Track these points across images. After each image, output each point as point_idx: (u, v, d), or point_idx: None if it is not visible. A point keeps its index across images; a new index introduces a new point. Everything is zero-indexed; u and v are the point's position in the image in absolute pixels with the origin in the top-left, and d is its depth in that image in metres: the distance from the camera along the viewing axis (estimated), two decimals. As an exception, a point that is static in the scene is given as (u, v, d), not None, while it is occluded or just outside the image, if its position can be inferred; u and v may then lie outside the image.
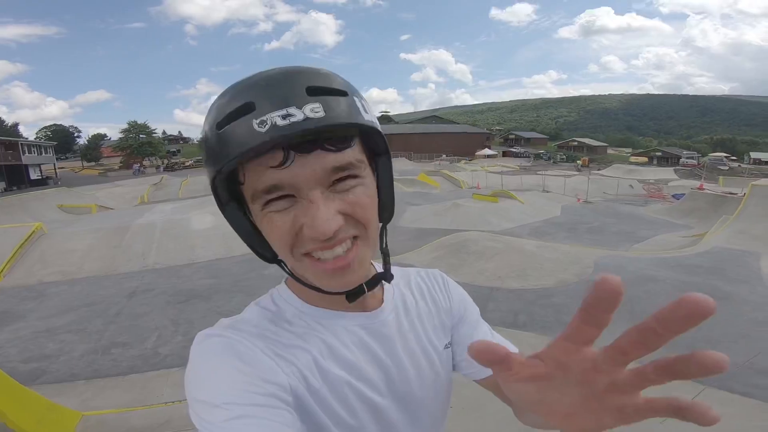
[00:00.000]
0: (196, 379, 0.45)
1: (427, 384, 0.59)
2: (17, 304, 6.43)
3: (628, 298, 4.53)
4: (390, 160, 0.53)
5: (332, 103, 0.43)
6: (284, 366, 0.48)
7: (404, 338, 0.59)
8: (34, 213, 14.12)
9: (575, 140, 77.85)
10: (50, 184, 32.36)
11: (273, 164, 0.43)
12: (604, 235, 11.84)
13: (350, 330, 0.55)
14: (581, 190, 20.89)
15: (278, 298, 0.57)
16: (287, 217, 0.45)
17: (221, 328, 0.51)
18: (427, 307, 0.65)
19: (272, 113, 0.41)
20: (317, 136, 0.43)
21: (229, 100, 0.44)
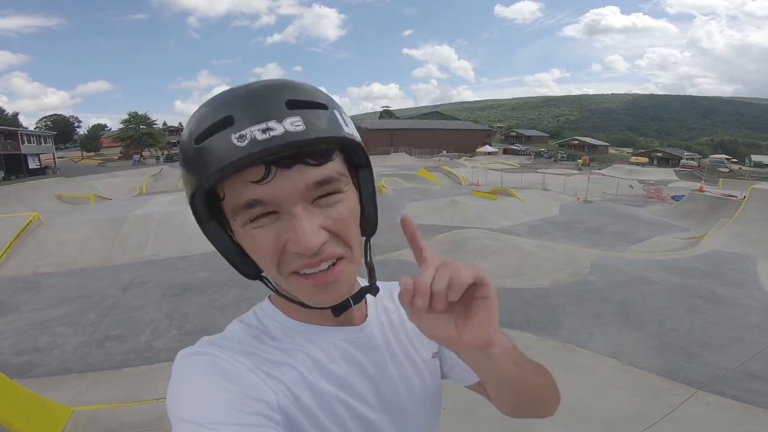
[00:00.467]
0: (180, 398, 0.43)
1: (417, 394, 0.59)
2: (12, 296, 6.40)
3: (622, 300, 4.58)
4: (372, 173, 0.53)
5: (312, 117, 0.43)
6: (271, 383, 0.47)
7: (391, 350, 0.59)
8: (31, 203, 14.07)
9: (576, 139, 77.68)
10: (49, 174, 32.25)
11: (253, 179, 0.42)
12: (601, 235, 11.82)
13: (337, 345, 0.55)
14: (581, 189, 20.86)
15: (262, 314, 0.56)
16: (270, 233, 0.44)
17: (204, 345, 0.50)
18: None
19: (251, 127, 0.40)
20: (298, 151, 0.42)
21: (208, 113, 0.43)
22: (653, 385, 3.44)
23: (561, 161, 53.69)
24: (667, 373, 3.58)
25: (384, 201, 16.04)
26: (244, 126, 0.41)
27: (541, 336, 4.33)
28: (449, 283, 0.39)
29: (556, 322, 4.67)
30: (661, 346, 4.04)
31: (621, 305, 5.06)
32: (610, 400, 3.18)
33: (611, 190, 23.02)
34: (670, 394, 3.30)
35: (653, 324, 4.57)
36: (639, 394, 3.32)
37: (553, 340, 4.23)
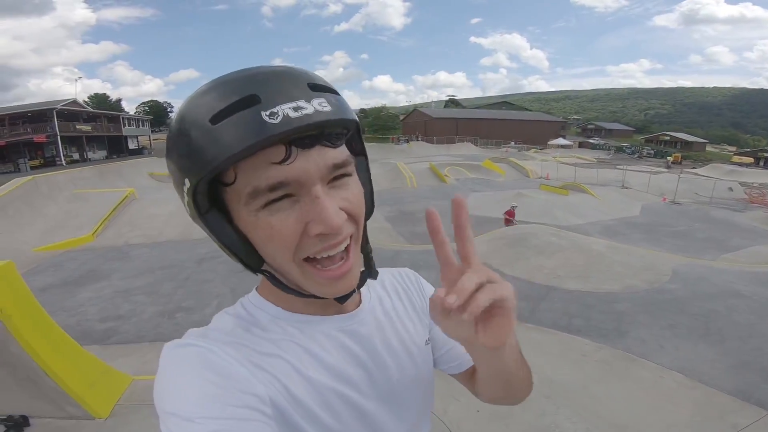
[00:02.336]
0: (167, 391, 0.43)
1: (410, 381, 0.59)
2: (104, 264, 7.18)
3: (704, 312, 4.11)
4: (367, 160, 0.54)
5: (333, 100, 0.44)
6: (261, 375, 0.46)
7: (384, 337, 0.59)
8: (128, 179, 15.83)
9: (667, 134, 70.29)
10: (145, 154, 36.09)
11: (275, 159, 0.41)
12: (688, 241, 10.64)
13: (328, 333, 0.54)
14: (669, 189, 18.88)
15: (250, 305, 0.55)
16: (290, 217, 0.44)
17: (192, 337, 0.49)
18: (403, 306, 0.65)
19: (283, 105, 0.40)
20: (322, 131, 0.43)
21: (225, 94, 0.41)
22: (719, 405, 3.06)
23: (647, 158, 49.08)
24: (738, 393, 3.17)
25: (445, 190, 15.79)
26: (274, 104, 0.40)
27: (601, 343, 3.98)
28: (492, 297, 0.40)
29: (620, 331, 4.27)
30: (739, 365, 3.56)
31: (701, 318, 4.49)
32: (667, 417, 2.85)
33: (706, 191, 20.53)
34: (736, 415, 2.91)
35: (735, 341, 4.02)
36: (701, 413, 2.96)
37: (615, 349, 3.87)
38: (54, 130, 31.41)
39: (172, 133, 0.44)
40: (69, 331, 4.12)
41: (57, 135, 31.53)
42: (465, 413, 2.75)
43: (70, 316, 4.97)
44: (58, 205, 10.33)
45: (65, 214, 9.83)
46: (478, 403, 0.74)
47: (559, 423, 2.69)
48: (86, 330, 4.56)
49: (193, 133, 0.42)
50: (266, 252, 0.47)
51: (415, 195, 14.55)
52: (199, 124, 0.41)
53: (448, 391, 2.95)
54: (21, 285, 2.60)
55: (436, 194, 14.84)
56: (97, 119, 37.49)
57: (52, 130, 31.38)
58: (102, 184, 13.38)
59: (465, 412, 2.75)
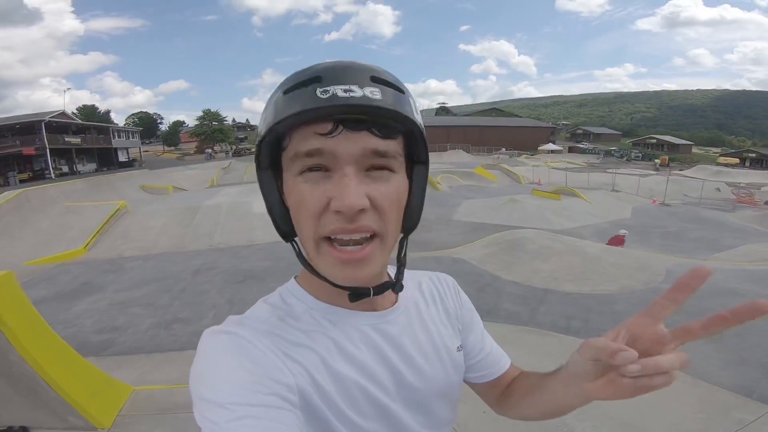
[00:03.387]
0: (202, 376, 0.45)
1: (438, 386, 0.59)
2: (98, 276, 7.08)
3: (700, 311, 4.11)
4: (427, 170, 0.54)
5: (390, 93, 0.46)
6: (291, 365, 0.48)
7: (416, 339, 0.59)
8: (120, 192, 15.66)
9: (654, 137, 71.60)
10: (135, 166, 35.75)
11: (321, 132, 0.45)
12: (680, 242, 10.79)
13: (360, 329, 0.55)
14: (658, 192, 19.16)
15: (287, 294, 0.57)
16: (317, 189, 0.46)
17: (230, 324, 0.51)
18: (437, 311, 0.65)
19: (335, 86, 0.44)
20: (369, 117, 0.45)
21: (299, 74, 0.47)
22: (723, 401, 3.08)
23: (635, 161, 49.82)
24: (740, 390, 3.20)
25: (439, 198, 15.85)
26: (329, 84, 0.44)
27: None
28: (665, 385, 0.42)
29: (621, 331, 4.32)
30: (738, 361, 3.60)
31: (698, 317, 4.47)
32: (672, 415, 2.87)
33: (694, 192, 20.90)
34: (740, 411, 2.93)
35: (733, 338, 4.08)
36: (705, 410, 2.98)
37: (616, 350, 3.92)
38: (43, 142, 30.99)
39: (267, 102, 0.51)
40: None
41: (46, 147, 31.11)
42: (471, 415, 2.75)
43: (66, 328, 4.88)
44: (50, 218, 10.18)
45: (57, 228, 9.69)
46: (484, 405, 0.73)
47: (567, 422, 2.70)
48: (82, 342, 4.48)
49: (271, 100, 0.49)
50: (295, 220, 0.50)
51: None
52: (276, 95, 0.48)
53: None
54: (20, 295, 2.57)
55: (429, 201, 14.50)
56: (86, 131, 37.11)
57: (40, 143, 30.96)
58: (94, 196, 13.22)
59: (471, 414, 2.75)
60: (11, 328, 2.33)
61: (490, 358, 0.69)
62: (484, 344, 0.70)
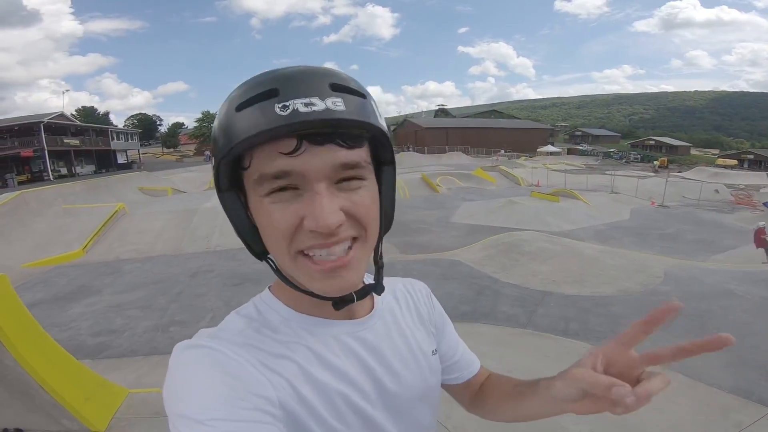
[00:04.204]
0: (178, 392, 0.43)
1: (417, 390, 0.59)
2: (95, 279, 7.06)
3: (700, 312, 4.15)
4: (395, 171, 0.54)
5: (352, 101, 0.44)
6: (272, 377, 0.46)
7: (393, 345, 0.59)
8: (118, 194, 15.62)
9: (652, 139, 71.56)
10: (134, 168, 35.78)
11: (284, 150, 0.43)
12: (678, 243, 10.80)
13: (339, 338, 0.54)
14: (657, 193, 19.19)
15: (262, 305, 0.55)
16: (288, 209, 0.45)
17: (203, 338, 0.49)
18: (412, 316, 0.66)
19: (295, 100, 0.42)
20: (333, 130, 0.43)
21: (252, 86, 0.44)
22: (721, 403, 3.08)
23: (634, 162, 49.90)
24: (739, 392, 3.19)
25: (438, 200, 15.87)
26: (288, 98, 0.42)
27: (600, 346, 4.01)
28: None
29: (617, 332, 4.20)
30: (737, 363, 3.60)
31: (696, 319, 4.55)
32: (670, 417, 2.86)
33: (693, 194, 20.93)
34: (739, 414, 2.93)
35: (732, 340, 4.09)
36: (703, 412, 2.97)
37: (614, 352, 3.91)
38: (41, 144, 31.00)
39: (216, 115, 0.48)
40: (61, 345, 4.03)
41: (44, 149, 31.12)
42: (468, 418, 2.73)
43: (62, 331, 4.87)
44: (48, 220, 10.15)
45: (55, 230, 9.66)
46: None
47: (564, 424, 2.68)
48: (78, 344, 4.46)
49: (222, 119, 0.46)
50: (266, 239, 0.48)
51: (407, 205, 14.59)
52: (227, 111, 0.45)
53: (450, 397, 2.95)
54: (14, 298, 2.57)
55: (428, 204, 14.91)
56: (85, 133, 37.12)
57: (39, 144, 30.97)
58: (91, 199, 13.19)
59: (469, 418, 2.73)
60: (5, 332, 2.33)
61: (463, 360, 0.72)
62: (458, 347, 0.72)
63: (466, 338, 3.03)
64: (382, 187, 0.52)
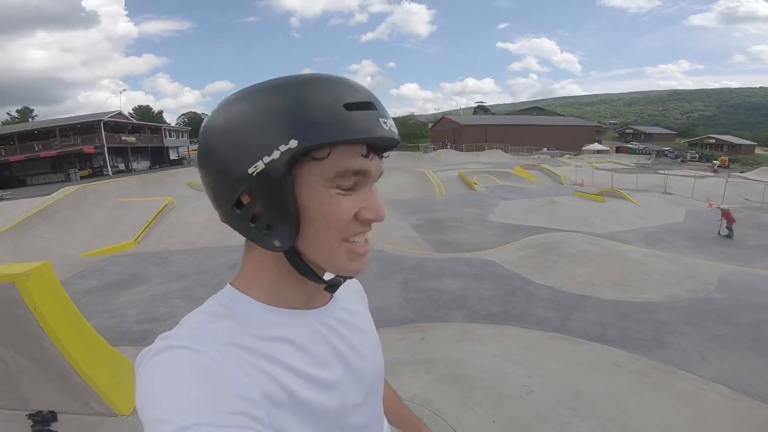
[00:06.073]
0: (156, 398, 0.41)
1: (377, 369, 0.66)
2: (145, 269, 7.51)
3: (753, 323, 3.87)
4: None
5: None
6: (254, 374, 0.46)
7: (354, 329, 0.64)
8: (168, 189, 16.57)
9: (712, 137, 66.37)
10: (184, 164, 37.75)
11: (364, 153, 0.50)
12: (737, 248, 9.99)
13: (311, 326, 0.57)
14: (715, 195, 17.84)
15: (228, 301, 0.53)
16: (353, 201, 0.51)
17: (178, 338, 0.46)
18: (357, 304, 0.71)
19: (385, 119, 0.51)
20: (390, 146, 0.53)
21: (353, 91, 0.49)
22: (763, 417, 2.83)
23: (691, 162, 46.61)
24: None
25: (475, 198, 15.55)
26: (383, 115, 0.51)
27: (638, 354, 3.77)
28: None
29: (660, 341, 4.04)
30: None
31: (750, 329, 4.20)
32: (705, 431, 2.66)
33: (756, 196, 19.24)
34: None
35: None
36: (743, 427, 2.74)
37: (652, 360, 3.66)
38: (101, 141, 33.41)
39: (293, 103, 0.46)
40: (108, 332, 4.32)
41: (104, 146, 33.53)
42: (480, 423, 2.67)
43: (111, 317, 5.22)
44: (104, 212, 10.94)
45: (111, 222, 10.39)
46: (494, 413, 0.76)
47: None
48: (124, 331, 4.76)
49: (323, 111, 0.46)
50: (319, 225, 0.49)
51: (443, 203, 14.43)
52: (331, 105, 0.47)
53: (462, 401, 2.89)
54: (56, 285, 2.74)
55: (464, 202, 14.65)
56: (140, 131, 39.64)
57: (99, 141, 33.39)
58: (144, 193, 14.07)
59: (480, 422, 2.67)
60: (45, 316, 2.50)
61: None
62: None
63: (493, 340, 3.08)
64: None
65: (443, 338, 4.24)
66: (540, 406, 2.84)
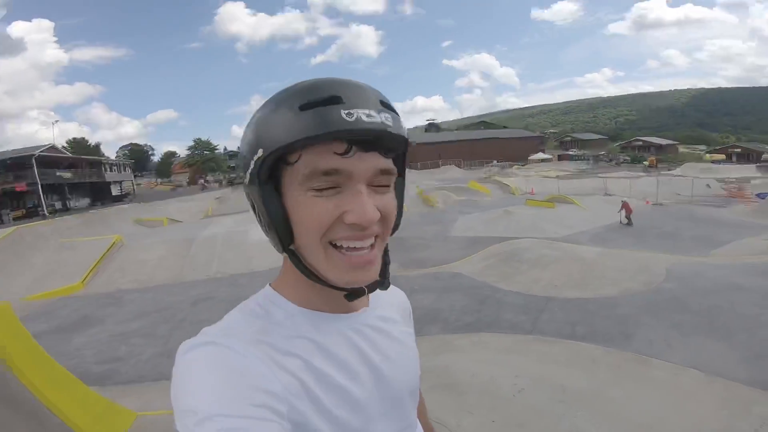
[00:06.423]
0: (186, 388, 0.44)
1: (408, 384, 0.63)
2: (97, 310, 7.05)
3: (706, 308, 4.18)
4: (404, 181, 0.60)
5: (396, 118, 0.51)
6: (278, 372, 0.48)
7: (388, 338, 0.62)
8: (113, 226, 15.55)
9: (639, 139, 72.51)
10: (129, 200, 35.67)
11: (338, 151, 0.47)
12: (677, 241, 10.88)
13: (341, 331, 0.57)
14: (650, 193, 19.38)
15: (265, 301, 0.57)
16: (330, 202, 0.49)
17: (209, 335, 0.50)
18: (397, 314, 0.70)
19: (358, 109, 0.47)
20: (382, 141, 0.49)
21: (312, 90, 0.48)
22: (742, 397, 3.05)
23: (624, 164, 50.46)
24: (759, 384, 3.17)
25: (434, 215, 15.90)
26: (352, 106, 0.47)
27: (609, 348, 3.99)
28: None
29: (626, 334, 4.30)
30: (752, 357, 3.59)
31: (705, 315, 4.57)
32: (692, 415, 2.84)
33: (685, 191, 21.15)
34: (762, 407, 2.90)
35: (743, 333, 4.08)
36: (726, 407, 2.95)
37: (624, 352, 3.89)
38: (35, 178, 30.81)
39: (263, 111, 0.51)
40: (68, 376, 4.02)
41: (37, 183, 30.93)
42: (480, 425, 2.71)
43: (68, 359, 4.83)
44: (45, 254, 10.12)
45: (53, 264, 9.64)
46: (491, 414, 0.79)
47: (580, 426, 2.66)
48: (84, 372, 4.43)
49: (281, 114, 0.48)
50: (301, 229, 0.50)
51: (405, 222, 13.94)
52: (288, 108, 0.48)
53: (458, 406, 2.94)
54: (17, 324, 2.61)
55: (425, 219, 14.93)
56: (77, 165, 37.02)
57: (32, 179, 30.78)
58: (88, 232, 13.14)
59: (480, 425, 2.72)
60: (11, 356, 2.34)
61: None
62: None
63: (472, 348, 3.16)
64: (396, 195, 0.57)
65: (425, 351, 4.23)
66: (533, 403, 2.94)
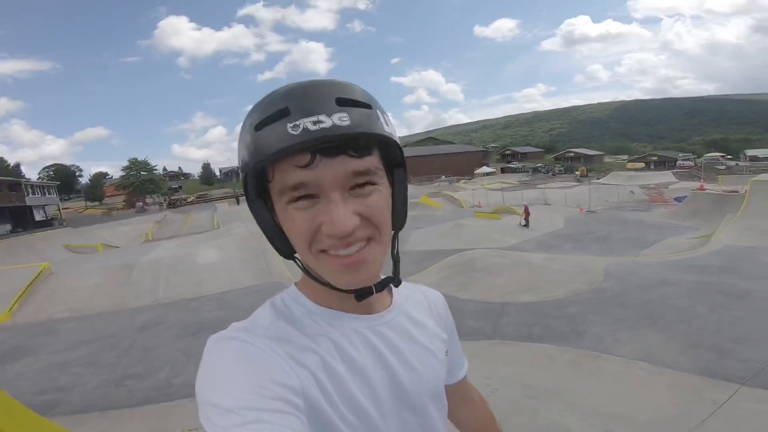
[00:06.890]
0: (210, 381, 0.46)
1: (430, 387, 0.61)
2: (28, 340, 6.49)
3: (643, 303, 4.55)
4: (406, 172, 0.57)
5: (357, 114, 0.47)
6: (297, 368, 0.49)
7: (410, 340, 0.61)
8: (40, 253, 14.17)
9: (571, 151, 78.45)
10: (55, 225, 32.51)
11: (300, 164, 0.46)
12: (611, 243, 11.81)
13: (359, 331, 0.57)
14: (583, 200, 20.94)
15: (288, 299, 0.59)
16: (307, 215, 0.48)
17: (234, 330, 0.52)
18: (426, 316, 0.68)
19: (304, 119, 0.45)
20: (342, 143, 0.46)
21: (266, 107, 0.48)
22: (691, 385, 3.33)
23: (559, 174, 54.09)
24: (703, 372, 3.47)
25: (389, 227, 16.04)
26: (298, 117, 0.46)
27: (564, 346, 4.27)
28: None
29: (577, 332, 4.62)
30: (691, 346, 3.96)
31: (643, 309, 5.03)
32: (650, 403, 3.09)
33: (613, 197, 23.11)
34: (712, 392, 3.17)
35: (680, 324, 4.52)
36: (678, 395, 3.21)
37: (578, 349, 4.17)
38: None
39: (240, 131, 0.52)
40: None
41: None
42: None
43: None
44: (-40, 289, 8.98)
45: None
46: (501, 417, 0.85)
47: (555, 418, 2.82)
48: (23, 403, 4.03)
49: (245, 135, 0.50)
50: (292, 241, 0.52)
51: None
52: (249, 128, 0.49)
53: None
54: None
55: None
56: (-7, 190, 33.30)
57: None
58: (11, 260, 11.90)
59: None
60: None
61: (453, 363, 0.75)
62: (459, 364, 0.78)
63: None
64: (395, 188, 0.55)
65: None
66: (509, 401, 3.09)
